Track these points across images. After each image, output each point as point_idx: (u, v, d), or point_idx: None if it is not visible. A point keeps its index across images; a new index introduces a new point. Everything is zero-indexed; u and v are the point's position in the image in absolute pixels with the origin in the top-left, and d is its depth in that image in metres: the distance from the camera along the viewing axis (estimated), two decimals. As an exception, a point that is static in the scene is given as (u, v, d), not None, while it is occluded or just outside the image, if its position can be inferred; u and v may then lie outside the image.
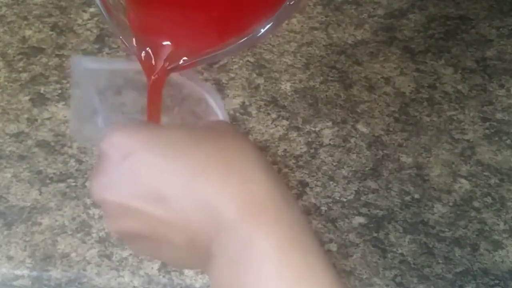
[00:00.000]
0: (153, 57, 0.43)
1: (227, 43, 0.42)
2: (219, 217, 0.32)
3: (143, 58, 0.44)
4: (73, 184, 0.59)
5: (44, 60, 0.70)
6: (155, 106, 0.45)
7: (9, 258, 0.54)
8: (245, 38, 0.41)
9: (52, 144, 0.62)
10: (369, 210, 0.58)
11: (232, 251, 0.32)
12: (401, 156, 0.63)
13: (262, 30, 0.40)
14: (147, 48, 0.44)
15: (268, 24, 0.40)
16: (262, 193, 0.33)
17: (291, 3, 0.40)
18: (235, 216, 0.32)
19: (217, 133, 0.37)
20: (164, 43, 0.43)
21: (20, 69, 0.69)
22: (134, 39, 0.44)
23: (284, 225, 0.32)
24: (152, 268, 0.54)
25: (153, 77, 0.44)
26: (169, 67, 0.43)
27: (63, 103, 0.66)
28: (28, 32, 0.72)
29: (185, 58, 0.43)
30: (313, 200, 0.59)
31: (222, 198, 0.33)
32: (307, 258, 0.32)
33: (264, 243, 0.31)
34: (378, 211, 0.58)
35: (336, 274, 0.32)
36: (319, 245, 0.33)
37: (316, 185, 0.60)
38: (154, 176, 0.34)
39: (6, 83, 0.68)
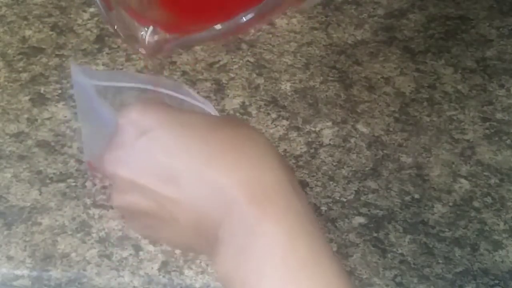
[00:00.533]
0: (146, 37, 0.44)
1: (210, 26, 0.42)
2: (229, 202, 0.33)
3: (131, 42, 0.44)
4: (73, 184, 0.59)
5: (44, 60, 0.70)
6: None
7: (9, 258, 0.54)
8: (225, 24, 0.41)
9: (52, 144, 0.62)
10: (369, 210, 0.58)
11: (240, 237, 0.32)
12: (401, 156, 0.63)
13: (244, 19, 0.40)
14: (141, 31, 0.44)
15: (250, 13, 0.40)
16: (272, 181, 0.33)
17: None
18: (245, 202, 0.32)
19: (232, 123, 0.38)
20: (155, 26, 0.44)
21: (20, 69, 0.69)
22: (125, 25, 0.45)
23: (292, 214, 0.32)
24: (152, 268, 0.54)
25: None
26: (158, 47, 0.44)
27: (63, 103, 0.66)
28: (28, 32, 0.72)
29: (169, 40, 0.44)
30: (313, 200, 0.59)
31: (233, 184, 0.33)
32: (313, 246, 0.32)
33: (272, 230, 0.32)
34: (378, 211, 0.58)
35: (340, 263, 0.33)
36: (324, 236, 0.33)
37: (316, 185, 0.60)
38: (168, 156, 0.35)
39: (6, 83, 0.68)
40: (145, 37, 0.45)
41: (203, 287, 0.54)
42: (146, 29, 0.46)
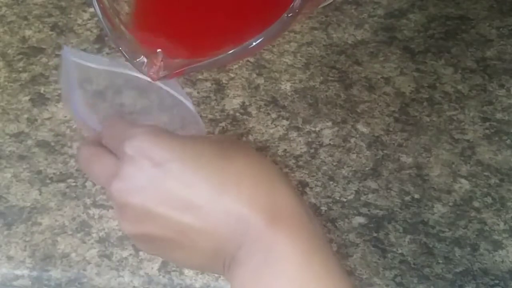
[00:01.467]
0: (147, 65, 0.44)
1: (217, 53, 0.42)
2: (249, 228, 0.34)
3: (138, 65, 0.45)
4: (73, 184, 0.59)
5: (44, 60, 0.70)
6: None
7: (9, 258, 0.54)
8: (235, 49, 0.41)
9: (52, 144, 0.62)
10: (369, 210, 0.58)
11: (258, 257, 0.33)
12: (401, 156, 0.63)
13: (254, 43, 0.41)
14: (142, 57, 0.44)
15: (260, 38, 0.41)
16: (287, 204, 0.35)
17: (288, 16, 0.41)
18: (263, 226, 0.34)
19: (241, 146, 0.39)
20: (159, 51, 0.45)
21: (20, 69, 0.69)
22: (130, 46, 0.45)
23: (306, 234, 0.34)
24: (152, 268, 0.54)
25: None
26: (162, 75, 0.45)
27: (63, 103, 0.66)
28: (28, 32, 0.72)
29: (176, 66, 0.44)
30: (313, 200, 0.59)
31: (252, 210, 0.34)
32: (326, 261, 0.34)
33: (288, 248, 0.33)
34: (378, 211, 0.58)
35: (352, 283, 0.35)
36: (335, 255, 0.35)
37: (316, 185, 0.60)
38: (185, 186, 0.35)
39: (6, 83, 0.68)
40: (151, 62, 0.45)
41: (203, 287, 0.54)
42: (153, 54, 0.45)
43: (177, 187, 0.35)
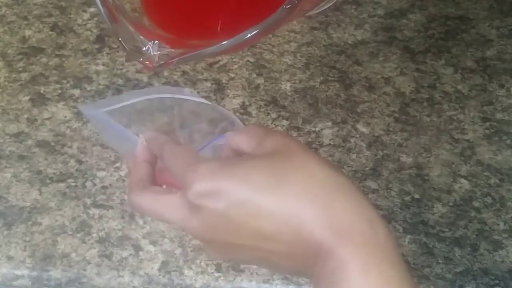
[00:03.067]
0: (144, 54, 0.45)
1: (213, 43, 0.43)
2: (318, 246, 0.36)
3: (135, 56, 0.45)
4: (73, 184, 0.59)
5: (44, 60, 0.70)
6: None
7: (9, 258, 0.54)
8: (230, 40, 0.42)
9: (52, 144, 0.62)
10: (369, 210, 0.58)
11: (328, 272, 0.36)
12: (401, 156, 0.63)
13: (249, 35, 0.41)
14: (146, 46, 0.45)
15: (254, 30, 0.41)
16: (347, 219, 0.37)
17: (286, 7, 0.41)
18: (329, 243, 0.36)
19: (295, 161, 0.39)
20: (156, 42, 0.45)
21: (20, 69, 0.69)
22: (129, 36, 0.45)
23: (367, 247, 0.36)
24: (152, 268, 0.54)
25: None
26: (157, 64, 0.45)
27: (63, 103, 0.66)
28: (28, 32, 0.72)
29: (172, 56, 0.45)
30: (313, 200, 0.59)
31: (319, 230, 0.36)
32: (387, 276, 0.36)
33: (351, 264, 0.35)
34: (378, 211, 0.58)
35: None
36: (400, 264, 0.37)
37: (316, 185, 0.60)
38: (253, 218, 0.37)
39: (6, 83, 0.68)
40: (150, 51, 0.46)
41: (203, 287, 0.54)
42: (151, 43, 0.46)
43: (250, 220, 0.37)
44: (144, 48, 0.46)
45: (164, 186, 0.44)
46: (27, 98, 0.66)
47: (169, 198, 0.41)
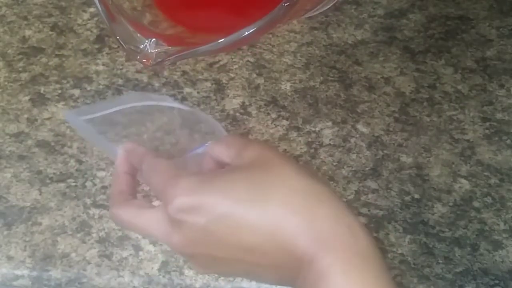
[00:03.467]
0: (149, 49, 0.45)
1: (211, 40, 0.43)
2: (301, 257, 0.36)
3: (133, 54, 0.45)
4: (73, 184, 0.59)
5: (44, 60, 0.70)
6: None
7: (9, 258, 0.54)
8: (228, 37, 0.42)
9: (52, 144, 0.62)
10: (369, 210, 0.58)
11: (311, 281, 0.36)
12: (401, 156, 0.63)
13: (246, 33, 0.41)
14: (144, 43, 0.45)
15: (252, 28, 0.41)
16: (328, 228, 0.37)
17: (285, 5, 0.41)
18: (312, 253, 0.36)
19: (274, 172, 0.39)
20: (153, 39, 0.45)
21: (20, 69, 0.69)
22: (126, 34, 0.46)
23: (348, 255, 0.36)
24: (152, 268, 0.54)
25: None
26: (154, 62, 0.45)
27: (63, 103, 0.66)
28: (28, 32, 0.72)
29: (169, 53, 0.45)
30: (313, 200, 0.59)
31: (301, 241, 0.36)
32: (368, 283, 0.36)
33: (332, 272, 0.36)
34: (378, 211, 0.58)
35: None
36: (382, 270, 0.37)
37: (316, 185, 0.60)
38: (234, 231, 0.37)
39: (6, 83, 0.68)
40: (147, 49, 0.46)
41: (203, 287, 0.54)
42: (148, 41, 0.46)
43: (231, 234, 0.37)
44: (141, 46, 0.46)
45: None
46: (27, 98, 0.66)
47: (150, 213, 0.41)
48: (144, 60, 0.46)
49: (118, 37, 0.46)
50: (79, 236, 0.56)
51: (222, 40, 0.42)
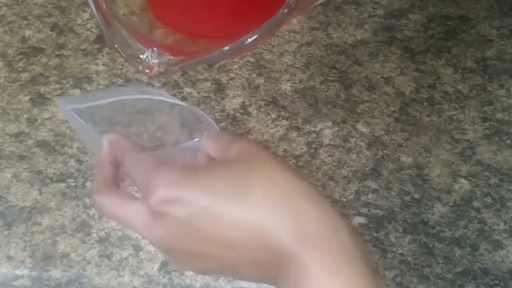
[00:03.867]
0: (142, 62, 0.45)
1: (214, 48, 0.43)
2: (282, 252, 0.36)
3: (134, 63, 0.45)
4: (73, 184, 0.59)
5: (44, 60, 0.70)
6: None
7: (9, 258, 0.54)
8: (231, 45, 0.42)
9: (52, 144, 0.62)
10: (369, 210, 0.58)
11: (292, 278, 0.36)
12: (401, 156, 0.63)
13: (249, 39, 0.41)
14: (145, 53, 0.45)
15: (254, 34, 0.41)
16: (311, 225, 0.37)
17: (284, 11, 0.41)
18: (293, 249, 0.36)
19: (258, 168, 0.39)
20: (154, 49, 0.45)
21: (20, 69, 0.69)
22: (126, 44, 0.45)
23: (331, 252, 0.36)
24: (152, 268, 0.54)
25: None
26: (158, 72, 0.45)
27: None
28: (28, 32, 0.72)
29: (172, 62, 0.45)
30: (313, 200, 0.59)
31: (283, 236, 0.36)
32: (350, 280, 0.36)
33: (314, 269, 0.36)
34: (378, 211, 0.58)
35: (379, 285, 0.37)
36: (364, 267, 0.37)
37: (316, 185, 0.60)
38: (216, 226, 0.37)
39: (6, 83, 0.68)
40: (148, 59, 0.45)
41: (203, 287, 0.54)
42: (149, 51, 0.45)
43: (210, 228, 0.37)
44: (143, 56, 0.45)
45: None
46: (27, 98, 0.66)
47: (133, 204, 0.41)
48: (147, 71, 0.45)
49: (116, 45, 0.45)
50: (79, 236, 0.56)
51: (226, 48, 0.42)
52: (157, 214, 0.38)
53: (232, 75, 0.69)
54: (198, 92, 0.67)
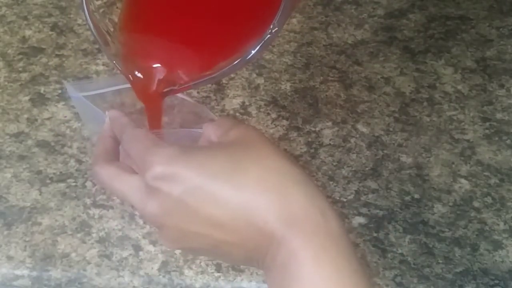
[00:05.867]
0: (146, 81, 0.44)
1: (218, 67, 0.43)
2: (271, 235, 0.37)
3: (135, 81, 0.45)
4: (73, 184, 0.59)
5: (44, 60, 0.70)
6: (156, 119, 0.47)
7: (9, 258, 0.54)
8: (237, 61, 0.42)
9: (52, 144, 0.62)
10: (369, 210, 0.58)
11: (280, 261, 0.37)
12: (401, 156, 0.63)
13: (253, 52, 0.41)
14: (138, 73, 0.44)
15: (257, 46, 0.41)
16: (300, 208, 0.37)
17: (273, 31, 0.41)
18: (282, 232, 0.36)
19: (253, 151, 0.40)
20: (157, 66, 0.45)
21: (20, 69, 0.69)
22: (127, 64, 0.45)
23: (319, 236, 0.36)
24: (152, 268, 0.54)
25: (149, 102, 0.46)
26: (164, 90, 0.45)
27: (63, 103, 0.66)
28: (28, 32, 0.72)
29: (180, 81, 0.44)
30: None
31: (272, 219, 0.37)
32: (338, 265, 0.36)
33: (302, 254, 0.36)
34: (378, 211, 0.58)
35: (364, 277, 0.37)
36: (351, 252, 0.37)
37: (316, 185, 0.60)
38: (207, 204, 0.38)
39: (6, 83, 0.68)
40: (149, 76, 0.45)
41: (203, 287, 0.54)
42: (148, 69, 0.45)
43: (201, 207, 0.38)
44: (142, 76, 0.45)
45: None
46: (27, 98, 0.66)
47: (130, 178, 0.41)
48: (151, 91, 0.45)
49: (114, 62, 0.45)
50: (79, 236, 0.56)
51: (235, 63, 0.42)
52: (152, 190, 0.39)
53: (232, 75, 0.69)
54: (198, 92, 0.67)
